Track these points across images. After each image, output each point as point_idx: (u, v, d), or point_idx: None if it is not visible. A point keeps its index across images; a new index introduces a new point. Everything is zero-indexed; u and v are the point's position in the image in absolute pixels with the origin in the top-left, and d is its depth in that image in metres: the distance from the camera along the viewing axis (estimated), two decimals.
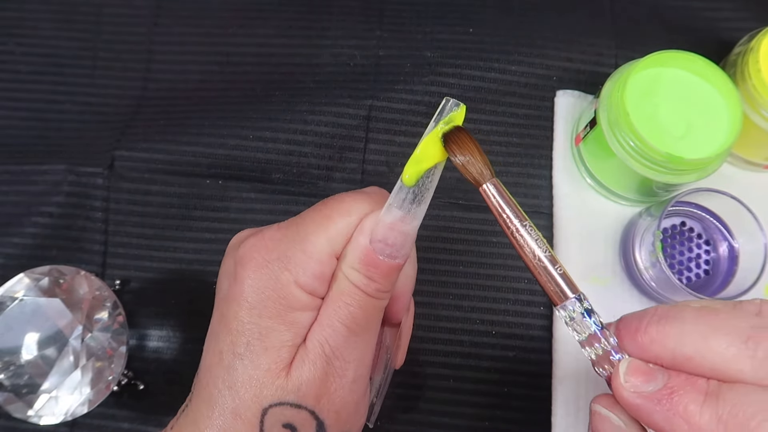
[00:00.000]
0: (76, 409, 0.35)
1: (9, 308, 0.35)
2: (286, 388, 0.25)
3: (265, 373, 0.25)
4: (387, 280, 0.26)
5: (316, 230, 0.25)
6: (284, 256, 0.25)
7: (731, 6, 0.47)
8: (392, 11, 0.46)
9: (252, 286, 0.25)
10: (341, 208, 0.26)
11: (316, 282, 0.25)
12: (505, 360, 0.40)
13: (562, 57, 0.44)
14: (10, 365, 0.35)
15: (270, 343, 0.25)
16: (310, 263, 0.25)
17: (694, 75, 0.38)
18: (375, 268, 0.25)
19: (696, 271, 0.41)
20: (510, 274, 0.41)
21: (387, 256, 0.25)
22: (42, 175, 0.42)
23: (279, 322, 0.25)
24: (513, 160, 0.43)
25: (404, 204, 0.25)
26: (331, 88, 0.44)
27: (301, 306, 0.25)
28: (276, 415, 0.25)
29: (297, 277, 0.25)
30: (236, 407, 0.25)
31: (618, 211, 0.42)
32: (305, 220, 0.26)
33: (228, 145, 0.43)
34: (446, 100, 0.25)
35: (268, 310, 0.25)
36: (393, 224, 0.25)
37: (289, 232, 0.26)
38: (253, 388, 0.25)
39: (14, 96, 0.45)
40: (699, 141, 0.37)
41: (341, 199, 0.26)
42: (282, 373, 0.25)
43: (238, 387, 0.25)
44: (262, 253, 0.26)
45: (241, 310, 0.25)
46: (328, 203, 0.26)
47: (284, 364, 0.25)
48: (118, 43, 0.47)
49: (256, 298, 0.25)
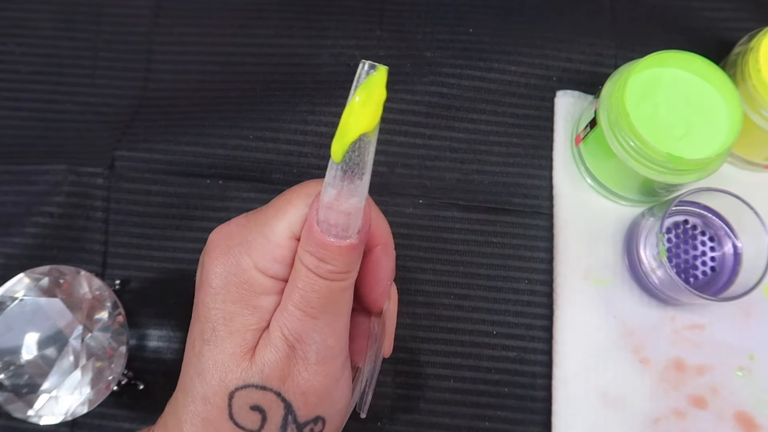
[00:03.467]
0: (76, 409, 0.35)
1: (9, 308, 0.35)
2: (250, 371, 0.25)
3: (230, 357, 0.25)
4: (341, 261, 0.25)
5: (277, 214, 0.26)
6: (245, 241, 0.26)
7: (731, 6, 0.47)
8: (392, 11, 0.46)
9: (216, 272, 0.26)
10: (302, 192, 0.26)
11: (277, 266, 0.26)
12: (505, 360, 0.40)
13: (562, 57, 0.44)
14: (10, 365, 0.35)
15: (234, 327, 0.25)
16: (270, 247, 0.25)
17: (694, 75, 0.38)
18: (325, 249, 0.25)
19: (702, 269, 0.41)
20: (510, 274, 0.41)
21: (335, 236, 0.24)
22: (42, 175, 0.42)
23: (242, 306, 0.25)
24: (513, 160, 0.43)
25: (336, 182, 0.24)
26: (331, 88, 0.44)
27: (264, 290, 0.26)
28: (243, 397, 0.25)
29: (257, 261, 0.25)
30: (205, 392, 0.25)
31: (618, 211, 0.42)
32: (269, 206, 0.26)
33: (228, 145, 0.43)
34: (362, 63, 0.24)
35: (232, 294, 0.25)
36: (330, 204, 0.24)
37: (252, 218, 0.26)
38: (219, 372, 0.25)
39: (14, 96, 0.45)
40: (699, 141, 0.37)
41: (304, 183, 0.26)
42: (247, 356, 0.25)
43: (206, 373, 0.25)
44: (226, 239, 0.26)
45: (207, 297, 0.26)
46: (292, 188, 0.26)
47: (249, 348, 0.25)
48: (118, 43, 0.47)
49: (219, 283, 0.26)
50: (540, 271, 0.41)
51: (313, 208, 0.25)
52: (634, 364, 0.39)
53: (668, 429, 0.39)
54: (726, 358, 0.40)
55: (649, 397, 0.39)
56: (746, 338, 0.40)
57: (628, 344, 0.40)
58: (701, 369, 0.40)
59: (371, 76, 0.24)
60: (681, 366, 0.40)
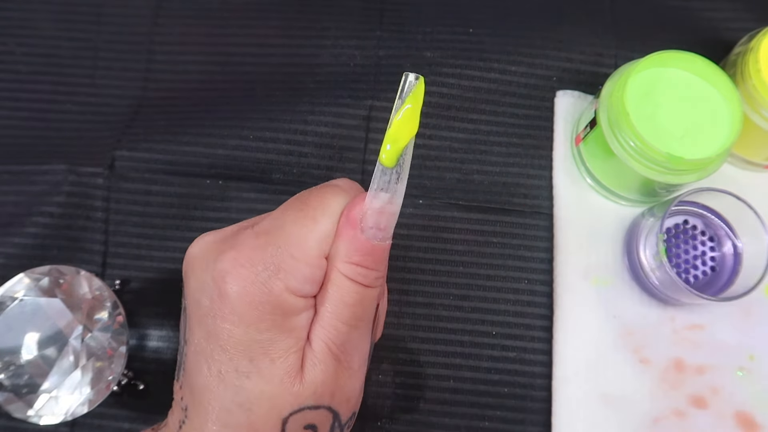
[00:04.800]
0: (77, 409, 0.35)
1: (9, 308, 0.35)
2: (303, 394, 0.25)
3: (279, 385, 0.25)
4: (383, 265, 0.26)
5: (302, 232, 0.25)
6: (272, 265, 0.25)
7: (731, 6, 0.47)
8: (392, 11, 0.46)
9: (244, 302, 0.24)
10: (324, 208, 0.26)
11: (309, 285, 0.25)
12: (505, 360, 0.40)
13: (562, 57, 0.44)
14: (10, 365, 0.35)
15: (275, 354, 0.25)
16: (300, 267, 0.25)
17: (694, 75, 0.38)
18: (372, 255, 0.25)
19: (702, 269, 0.41)
20: (510, 274, 0.41)
21: (380, 240, 0.25)
22: (42, 175, 0.42)
23: (278, 332, 0.25)
24: (513, 160, 0.43)
25: (390, 185, 0.25)
26: (331, 88, 0.44)
27: (297, 310, 0.25)
28: (297, 421, 0.25)
29: (288, 283, 0.25)
30: (253, 422, 0.25)
31: (618, 211, 0.42)
32: (286, 222, 0.25)
33: (228, 145, 0.43)
34: (406, 75, 0.25)
35: (266, 323, 0.25)
36: (382, 208, 0.25)
37: (271, 238, 0.25)
38: (268, 401, 0.25)
39: (15, 96, 0.45)
40: (699, 141, 0.37)
41: (321, 197, 0.26)
42: (296, 380, 0.25)
43: (252, 404, 0.25)
44: (247, 266, 0.25)
45: (236, 329, 0.25)
46: (309, 202, 0.26)
47: (296, 371, 0.25)
48: (118, 43, 0.47)
49: (251, 315, 0.25)
50: (540, 271, 0.41)
51: (354, 218, 0.25)
52: (634, 364, 0.39)
53: (668, 429, 0.39)
54: (726, 358, 0.40)
55: (649, 397, 0.39)
56: (746, 338, 0.40)
57: (628, 344, 0.40)
58: (701, 369, 0.40)
59: (416, 86, 0.26)
60: (681, 366, 0.40)
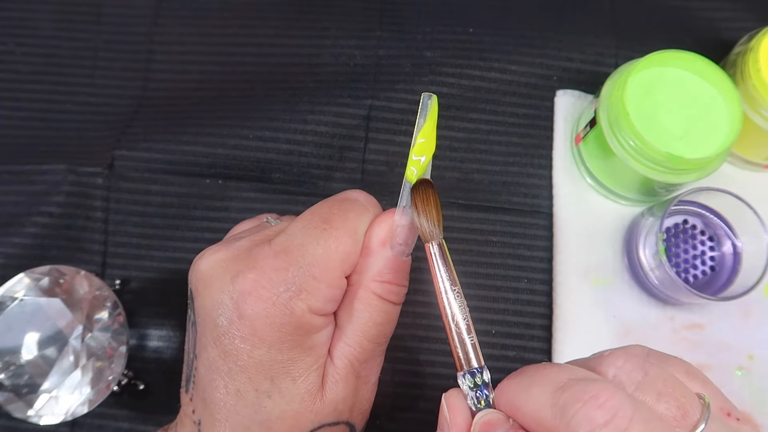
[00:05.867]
0: (77, 409, 0.35)
1: (9, 308, 0.35)
2: (323, 412, 0.25)
3: (300, 404, 0.25)
4: (407, 278, 0.26)
5: (325, 253, 0.25)
6: (293, 286, 0.24)
7: (731, 6, 0.47)
8: (392, 11, 0.46)
9: (265, 324, 0.24)
10: (347, 228, 0.25)
11: (330, 305, 0.25)
12: (505, 359, 0.40)
13: (562, 57, 0.44)
14: (11, 365, 0.35)
15: (296, 373, 0.25)
16: (323, 288, 0.25)
17: (694, 75, 0.38)
18: (401, 271, 0.26)
19: (702, 268, 0.41)
20: (510, 273, 0.41)
21: (406, 255, 0.26)
22: (42, 175, 0.42)
23: (299, 352, 0.25)
24: (513, 160, 0.43)
25: None
26: (331, 88, 0.44)
27: (317, 329, 0.25)
28: None
29: (310, 304, 0.24)
30: None
31: (618, 210, 0.42)
32: (307, 241, 0.25)
33: (228, 145, 0.43)
34: (424, 95, 0.26)
35: (287, 344, 0.25)
36: (411, 224, 0.25)
37: (292, 259, 0.25)
38: (289, 419, 0.25)
39: (14, 96, 0.45)
40: (699, 141, 0.37)
41: (343, 215, 0.25)
42: (317, 398, 0.25)
43: (272, 422, 0.25)
44: (268, 288, 0.24)
45: (256, 350, 0.24)
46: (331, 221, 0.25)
47: (316, 388, 0.25)
48: (118, 43, 0.47)
49: (272, 336, 0.24)
50: (539, 270, 0.41)
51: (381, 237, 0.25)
52: None
53: None
54: (725, 358, 0.40)
55: None
56: (746, 338, 0.40)
57: (627, 343, 0.39)
58: (701, 368, 0.39)
59: (433, 105, 0.26)
60: None
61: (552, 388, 0.20)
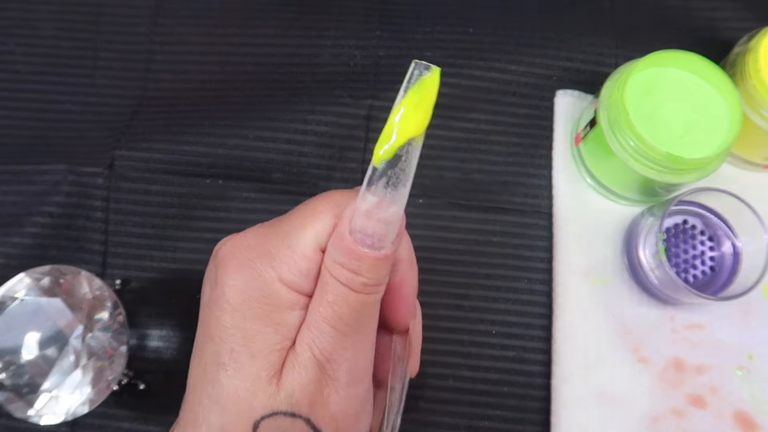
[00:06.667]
0: (77, 409, 0.35)
1: (9, 308, 0.35)
2: (278, 396, 0.23)
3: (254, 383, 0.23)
4: (374, 273, 0.23)
5: (302, 224, 0.24)
6: (267, 253, 0.23)
7: (731, 6, 0.47)
8: (392, 11, 0.46)
9: (233, 287, 0.23)
10: (329, 201, 0.24)
11: (302, 279, 0.24)
12: (505, 360, 0.40)
13: (562, 57, 0.44)
14: (11, 365, 0.35)
15: (257, 348, 0.23)
16: (295, 258, 0.23)
17: (694, 75, 0.38)
18: (358, 260, 0.23)
19: (702, 268, 0.41)
20: (510, 273, 0.41)
21: (369, 246, 0.23)
22: (42, 175, 0.42)
23: (265, 324, 0.23)
24: (513, 160, 0.43)
25: (378, 188, 0.22)
26: (331, 88, 0.44)
27: (288, 305, 0.24)
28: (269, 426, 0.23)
29: (281, 273, 0.23)
30: (223, 424, 0.23)
31: (618, 211, 0.42)
32: (291, 215, 0.25)
33: (228, 145, 0.43)
34: (414, 63, 0.22)
35: (253, 311, 0.23)
36: (369, 212, 0.22)
37: (272, 229, 0.24)
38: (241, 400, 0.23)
39: (14, 96, 0.45)
40: (699, 141, 0.37)
41: (330, 193, 0.25)
42: (273, 380, 0.23)
43: (224, 401, 0.23)
44: (244, 252, 0.24)
45: (224, 315, 0.23)
46: (316, 197, 0.25)
47: (274, 371, 0.23)
48: (118, 43, 0.47)
49: (238, 299, 0.23)
50: (539, 270, 0.41)
51: (345, 217, 0.23)
52: (633, 364, 0.39)
53: (667, 428, 0.39)
54: (725, 358, 0.40)
55: (648, 396, 0.39)
56: (745, 338, 0.40)
57: (627, 343, 0.40)
58: (700, 368, 0.40)
59: (424, 78, 0.22)
60: (680, 365, 0.40)
61: None
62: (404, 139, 0.22)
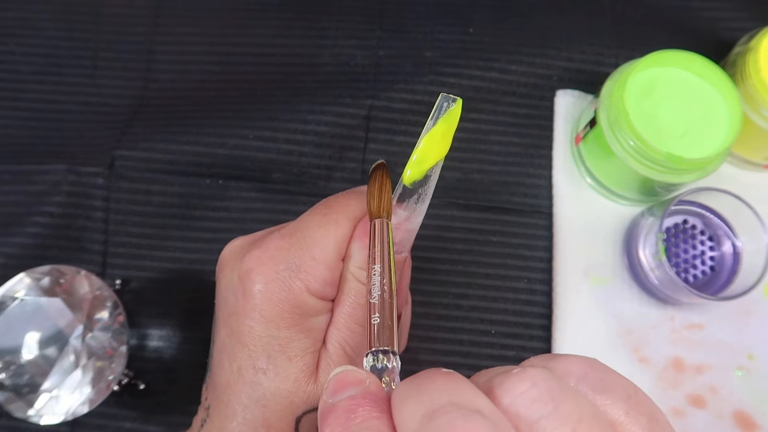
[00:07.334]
0: (77, 409, 0.35)
1: (9, 308, 0.35)
2: (317, 394, 0.25)
3: (294, 383, 0.25)
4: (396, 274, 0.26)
5: (324, 236, 0.26)
6: (294, 265, 0.25)
7: (731, 6, 0.47)
8: (392, 11, 0.46)
9: (265, 299, 0.25)
10: (347, 212, 0.26)
11: (327, 287, 0.26)
12: (504, 359, 0.40)
13: (562, 57, 0.44)
14: (11, 365, 0.35)
15: (292, 352, 0.25)
16: (320, 269, 0.25)
17: (693, 75, 0.38)
18: None
19: (702, 268, 0.41)
20: (510, 273, 0.41)
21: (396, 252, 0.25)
22: (42, 175, 0.42)
23: (297, 331, 0.26)
24: (513, 160, 0.43)
25: (408, 204, 0.25)
26: (331, 88, 0.44)
27: (316, 312, 0.26)
28: (310, 420, 0.26)
29: (309, 284, 0.25)
30: (268, 419, 0.25)
31: (618, 210, 0.42)
32: (310, 225, 0.26)
33: (228, 145, 0.43)
34: (442, 96, 0.25)
35: (285, 321, 0.25)
36: (399, 225, 0.25)
37: (294, 240, 0.26)
38: (283, 399, 0.25)
39: (15, 96, 0.45)
40: (699, 140, 0.37)
41: (345, 202, 0.27)
42: (311, 379, 0.26)
43: (267, 400, 0.25)
44: (270, 264, 0.26)
45: (257, 325, 0.25)
46: (333, 207, 0.26)
47: (311, 371, 0.26)
48: (118, 43, 0.47)
49: (271, 311, 0.25)
50: (539, 270, 0.41)
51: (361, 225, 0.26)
52: (633, 363, 0.39)
53: None
54: (725, 358, 0.40)
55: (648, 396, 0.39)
56: (745, 338, 0.40)
57: (627, 343, 0.40)
58: (700, 368, 0.40)
59: (451, 110, 0.25)
60: (680, 365, 0.40)
61: (424, 409, 0.16)
62: (434, 161, 0.25)
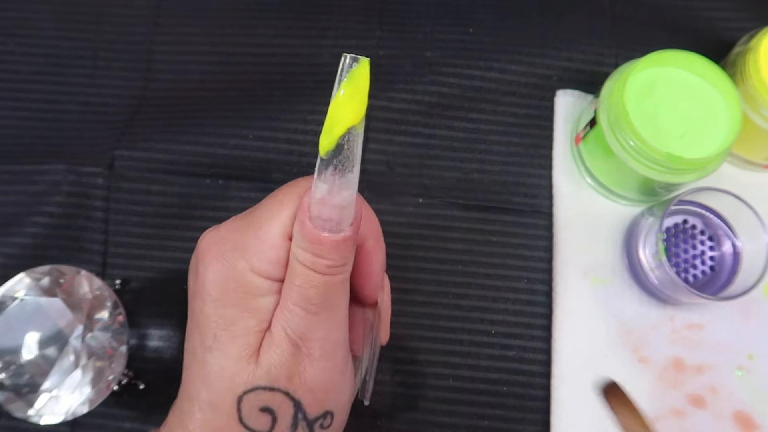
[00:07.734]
0: (77, 409, 0.35)
1: (9, 308, 0.35)
2: (256, 374, 0.25)
3: (235, 362, 0.25)
4: (336, 255, 0.25)
5: (269, 215, 0.25)
6: (239, 245, 0.25)
7: (731, 6, 0.47)
8: (392, 11, 0.46)
9: (212, 279, 0.26)
10: (292, 191, 0.26)
11: (273, 266, 0.25)
12: (505, 359, 0.40)
13: (562, 57, 0.44)
14: (11, 365, 0.35)
15: (236, 331, 0.25)
16: (264, 249, 0.25)
17: (693, 75, 0.38)
18: (320, 244, 0.24)
19: (702, 268, 0.41)
20: (510, 273, 0.41)
21: (329, 230, 0.24)
22: (42, 175, 0.42)
23: (242, 310, 0.25)
24: (513, 160, 0.43)
25: (327, 176, 0.24)
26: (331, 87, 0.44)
27: (261, 292, 0.26)
28: (251, 400, 0.25)
29: (253, 264, 0.25)
30: (212, 399, 0.25)
31: (618, 210, 0.42)
32: (260, 206, 0.26)
33: (228, 145, 0.43)
34: (344, 57, 0.24)
35: (230, 299, 0.25)
36: (323, 199, 0.24)
37: (244, 222, 0.26)
38: (225, 377, 0.25)
39: (15, 96, 0.45)
40: (699, 140, 0.37)
41: (294, 182, 0.26)
42: (252, 359, 0.25)
43: (211, 379, 0.25)
44: (219, 245, 0.26)
45: (205, 305, 0.26)
46: (282, 188, 0.26)
47: (253, 350, 0.26)
48: (118, 43, 0.47)
49: (217, 290, 0.25)
50: (539, 270, 0.41)
51: (304, 205, 0.25)
52: (633, 364, 0.39)
53: (667, 428, 0.39)
54: (725, 358, 0.40)
55: (648, 396, 0.39)
56: (745, 338, 0.40)
57: (627, 343, 0.40)
58: (700, 368, 0.40)
59: (354, 70, 0.24)
60: (680, 365, 0.40)
61: None
62: (343, 128, 0.24)
